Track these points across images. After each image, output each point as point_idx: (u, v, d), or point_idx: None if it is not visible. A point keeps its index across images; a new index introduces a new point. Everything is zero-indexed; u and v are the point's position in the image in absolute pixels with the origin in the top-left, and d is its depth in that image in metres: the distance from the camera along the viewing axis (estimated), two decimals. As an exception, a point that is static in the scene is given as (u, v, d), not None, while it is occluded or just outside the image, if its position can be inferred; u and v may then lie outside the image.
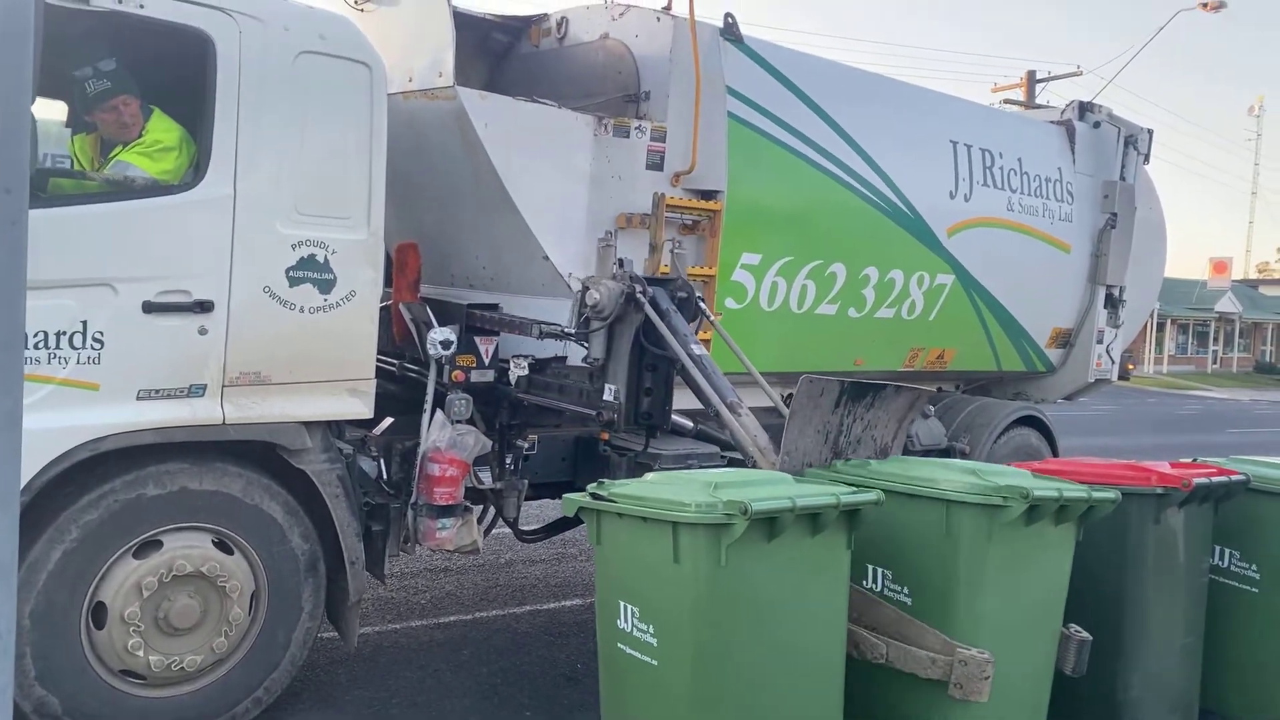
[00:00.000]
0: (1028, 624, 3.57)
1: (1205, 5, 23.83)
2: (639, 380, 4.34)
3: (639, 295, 4.22)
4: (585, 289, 4.31)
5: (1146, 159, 7.55)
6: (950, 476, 3.55)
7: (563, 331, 4.44)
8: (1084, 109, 7.42)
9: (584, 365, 4.92)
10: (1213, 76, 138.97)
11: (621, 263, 4.35)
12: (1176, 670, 4.05)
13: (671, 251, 4.80)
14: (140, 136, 3.71)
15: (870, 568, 3.62)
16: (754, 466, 4.01)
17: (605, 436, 4.44)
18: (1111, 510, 3.66)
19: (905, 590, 3.55)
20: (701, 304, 4.62)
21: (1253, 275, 58.06)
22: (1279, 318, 47.86)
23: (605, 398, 4.28)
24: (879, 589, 3.60)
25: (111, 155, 3.73)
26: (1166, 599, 3.98)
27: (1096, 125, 7.34)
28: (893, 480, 3.59)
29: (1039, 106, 15.14)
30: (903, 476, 3.62)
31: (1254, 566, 4.22)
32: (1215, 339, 45.48)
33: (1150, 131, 7.55)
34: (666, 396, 4.45)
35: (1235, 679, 4.23)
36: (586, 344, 4.37)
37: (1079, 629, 3.66)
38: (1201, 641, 4.14)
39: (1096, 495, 3.60)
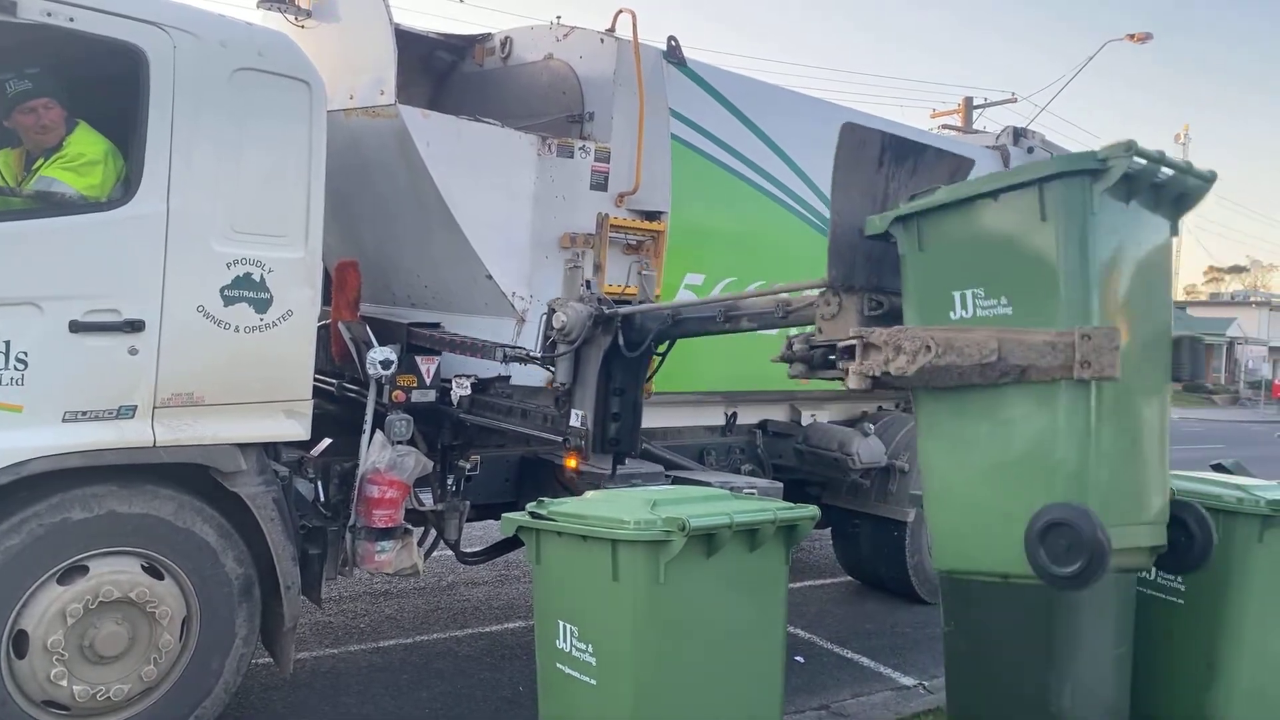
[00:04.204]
0: None
1: (1133, 36, 24.69)
2: (606, 405, 4.19)
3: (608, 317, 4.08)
4: (552, 311, 4.17)
5: (1077, 183, 7.78)
6: None
7: (528, 355, 4.32)
8: (1017, 134, 7.64)
9: (529, 386, 4.91)
10: (1141, 105, 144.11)
11: (589, 284, 4.23)
12: (1108, 680, 4.13)
13: (640, 274, 4.76)
14: (62, 147, 3.63)
15: None
16: None
17: (572, 464, 4.26)
18: None
19: None
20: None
21: (1181, 297, 60.02)
22: (1206, 338, 49.39)
23: (572, 423, 4.14)
24: None
25: (34, 169, 3.64)
26: (1097, 610, 4.06)
27: (1030, 150, 7.55)
28: None
29: (975, 132, 15.53)
30: None
31: (1180, 578, 4.33)
32: (1147, 359, 46.73)
33: (1080, 157, 7.79)
34: (635, 422, 4.30)
35: (1164, 688, 4.33)
36: (552, 368, 4.23)
37: None
38: (1131, 652, 4.24)
39: None
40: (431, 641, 5.46)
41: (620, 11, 5.18)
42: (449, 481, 4.67)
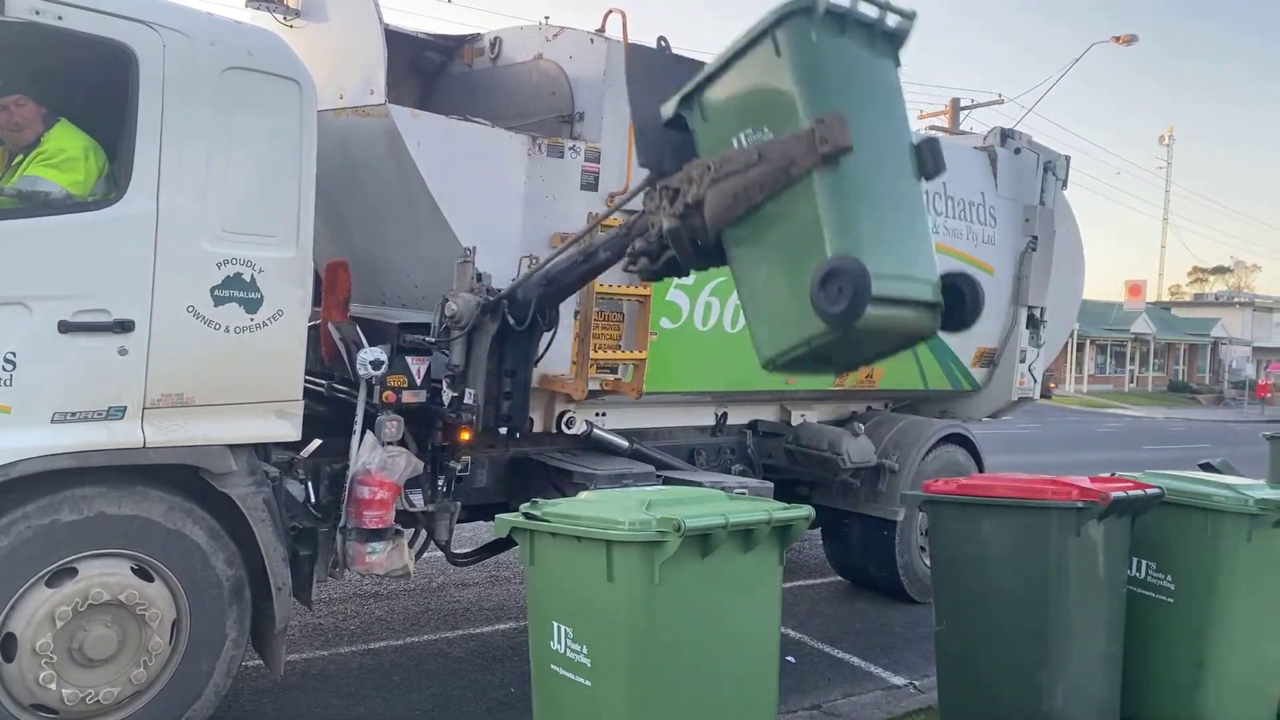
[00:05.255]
0: None
1: (1118, 39, 24.90)
2: (499, 385, 4.59)
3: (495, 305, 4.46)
4: (445, 301, 4.53)
5: (1064, 184, 7.81)
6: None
7: (424, 340, 4.56)
8: (1005, 136, 7.64)
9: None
10: (1126, 106, 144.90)
11: (480, 276, 4.55)
12: (1099, 679, 4.16)
13: (521, 259, 4.86)
14: (39, 144, 3.61)
15: None
16: None
17: (465, 437, 4.63)
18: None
19: None
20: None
21: (1165, 298, 60.47)
22: (1190, 338, 49.89)
23: (465, 401, 4.52)
24: None
25: (14, 165, 3.62)
26: (1088, 610, 4.09)
27: (1017, 151, 7.56)
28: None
29: (962, 133, 15.59)
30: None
31: (1169, 577, 4.36)
32: (1131, 359, 47.19)
33: (1068, 158, 7.81)
34: (524, 401, 4.71)
35: (1153, 687, 4.36)
36: (448, 352, 4.54)
37: None
38: (1121, 651, 4.27)
39: None
40: (422, 643, 5.44)
41: (610, 11, 5.17)
42: (440, 482, 4.65)
